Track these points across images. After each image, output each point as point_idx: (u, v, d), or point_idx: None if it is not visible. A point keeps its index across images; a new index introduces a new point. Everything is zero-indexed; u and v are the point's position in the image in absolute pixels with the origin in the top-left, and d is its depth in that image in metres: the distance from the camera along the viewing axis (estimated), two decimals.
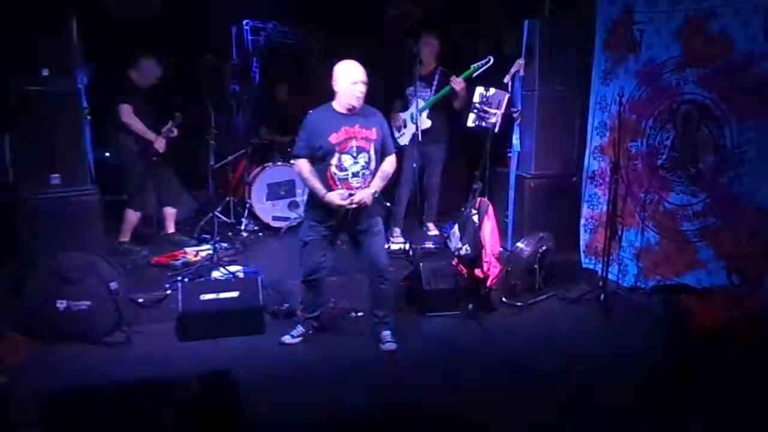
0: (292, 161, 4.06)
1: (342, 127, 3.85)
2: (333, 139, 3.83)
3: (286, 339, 4.19)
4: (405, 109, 5.72)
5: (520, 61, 5.28)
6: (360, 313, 4.57)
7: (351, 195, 3.86)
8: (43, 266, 4.15)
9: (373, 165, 3.95)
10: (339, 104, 3.91)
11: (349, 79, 3.84)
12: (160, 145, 5.33)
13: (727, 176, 4.20)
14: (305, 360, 4.04)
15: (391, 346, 4.04)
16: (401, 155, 5.74)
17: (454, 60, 5.79)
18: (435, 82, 5.60)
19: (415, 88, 5.55)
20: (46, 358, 3.91)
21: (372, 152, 3.93)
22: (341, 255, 4.59)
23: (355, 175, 3.89)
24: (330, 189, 3.88)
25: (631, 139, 4.87)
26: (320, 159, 3.89)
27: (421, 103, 5.51)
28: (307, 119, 3.95)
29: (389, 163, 4.07)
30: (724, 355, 3.63)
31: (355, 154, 3.87)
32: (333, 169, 3.87)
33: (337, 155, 3.85)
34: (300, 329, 4.22)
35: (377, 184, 3.99)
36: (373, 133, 3.92)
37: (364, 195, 3.90)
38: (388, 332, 4.10)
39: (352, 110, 3.89)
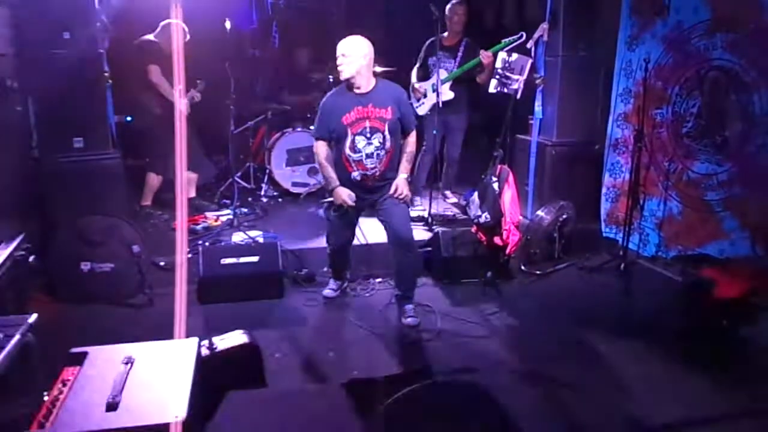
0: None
1: (354, 107, 3.80)
2: (345, 119, 3.79)
3: (327, 293, 4.37)
4: (426, 79, 5.61)
5: (544, 26, 5.17)
6: (378, 279, 4.60)
7: (362, 184, 3.88)
8: (67, 229, 4.23)
9: (388, 144, 3.86)
10: (348, 82, 3.87)
11: (344, 52, 3.77)
12: (183, 106, 5.34)
13: (755, 145, 4.11)
14: (324, 324, 4.09)
15: (412, 320, 4.00)
16: (421, 125, 5.70)
17: (480, 28, 5.66)
18: (460, 54, 5.45)
19: (438, 58, 5.44)
20: (71, 318, 4.00)
21: (386, 132, 3.83)
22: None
23: (369, 156, 3.84)
24: (346, 171, 3.87)
25: (656, 106, 4.77)
26: (336, 141, 3.88)
27: (444, 74, 5.40)
28: (324, 101, 3.95)
29: (412, 142, 4.00)
30: (745, 326, 3.61)
31: (368, 135, 3.81)
32: (347, 150, 3.83)
33: (350, 137, 3.80)
34: (336, 282, 4.40)
35: (406, 167, 3.96)
36: (388, 112, 3.82)
37: (401, 185, 3.90)
38: (410, 306, 4.07)
39: (359, 87, 3.81)
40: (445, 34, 5.50)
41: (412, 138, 4.00)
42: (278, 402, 2.89)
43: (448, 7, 5.43)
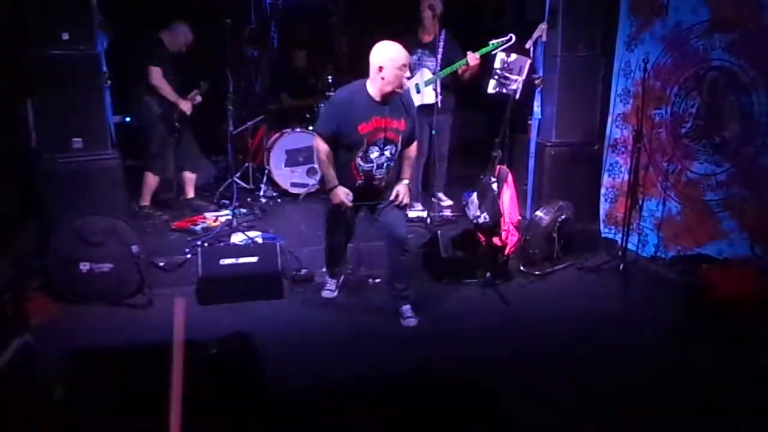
0: (313, 133, 3.93)
1: (372, 117, 3.64)
2: (362, 129, 3.64)
3: (326, 294, 4.36)
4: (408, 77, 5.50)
5: (543, 26, 5.16)
6: (377, 280, 4.60)
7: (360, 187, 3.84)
8: (66, 229, 4.22)
9: (397, 155, 3.83)
10: (375, 88, 3.65)
11: (395, 63, 3.56)
12: (186, 106, 5.34)
13: (754, 145, 4.12)
14: (323, 326, 4.07)
15: (411, 321, 3.99)
16: None
17: (475, 25, 5.63)
18: (441, 48, 5.32)
19: (418, 57, 5.36)
20: (70, 318, 4.00)
21: (399, 144, 3.78)
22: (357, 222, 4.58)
23: (379, 167, 3.78)
24: (353, 178, 3.80)
25: (655, 106, 4.77)
26: (346, 147, 3.74)
27: (428, 74, 5.33)
28: (337, 100, 3.76)
29: (414, 148, 3.97)
30: (744, 326, 3.61)
31: (382, 146, 3.72)
32: (358, 160, 3.72)
33: (364, 146, 3.69)
34: (333, 281, 4.39)
35: (409, 173, 3.95)
36: (402, 124, 3.75)
37: (403, 192, 3.87)
38: (407, 306, 4.04)
39: (386, 96, 3.67)
40: (420, 30, 5.37)
41: (414, 144, 3.98)
42: (277, 402, 2.88)
43: (422, 2, 5.31)
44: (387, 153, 3.77)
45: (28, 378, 2.63)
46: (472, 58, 5.13)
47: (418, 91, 5.41)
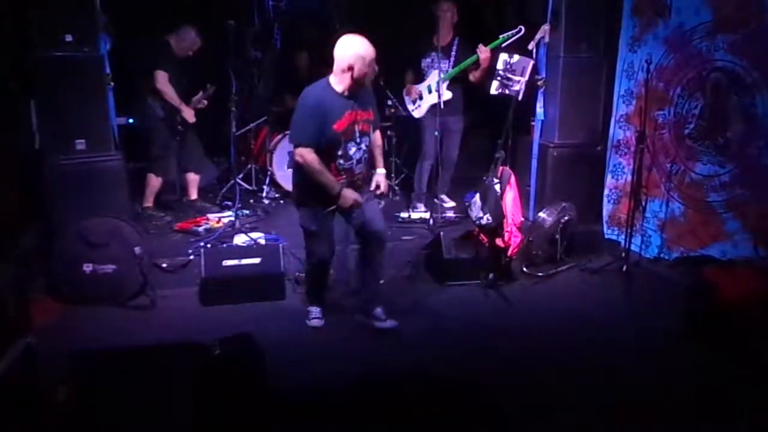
0: (296, 149, 3.60)
1: (344, 113, 3.54)
2: (337, 127, 3.52)
3: (315, 323, 4.02)
4: (420, 81, 5.58)
5: (546, 27, 5.16)
6: (380, 281, 4.58)
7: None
8: (70, 230, 4.23)
9: (370, 145, 3.77)
10: (342, 85, 3.55)
11: (366, 61, 3.47)
12: (189, 115, 5.36)
13: (757, 146, 4.10)
14: (325, 325, 4.07)
15: (392, 323, 3.89)
16: (419, 127, 5.69)
17: (477, 28, 5.65)
18: (453, 53, 5.40)
19: (432, 59, 5.41)
20: (74, 319, 4.01)
21: (371, 133, 3.72)
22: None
23: (359, 162, 3.68)
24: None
25: (658, 107, 4.76)
26: (325, 150, 3.55)
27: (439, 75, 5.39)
28: (309, 104, 3.53)
29: (379, 137, 3.91)
30: (747, 327, 3.60)
31: (358, 140, 3.63)
32: (339, 160, 3.60)
33: (342, 144, 3.57)
34: (318, 309, 4.06)
35: (382, 162, 3.90)
36: (371, 113, 3.69)
37: (383, 182, 3.82)
38: (381, 309, 3.93)
39: (354, 90, 3.57)
40: (436, 35, 5.39)
41: (378, 132, 3.89)
42: (279, 403, 2.89)
43: (436, 6, 5.37)
44: (363, 146, 3.68)
45: (30, 379, 2.63)
46: (483, 50, 5.18)
47: (430, 92, 5.44)
